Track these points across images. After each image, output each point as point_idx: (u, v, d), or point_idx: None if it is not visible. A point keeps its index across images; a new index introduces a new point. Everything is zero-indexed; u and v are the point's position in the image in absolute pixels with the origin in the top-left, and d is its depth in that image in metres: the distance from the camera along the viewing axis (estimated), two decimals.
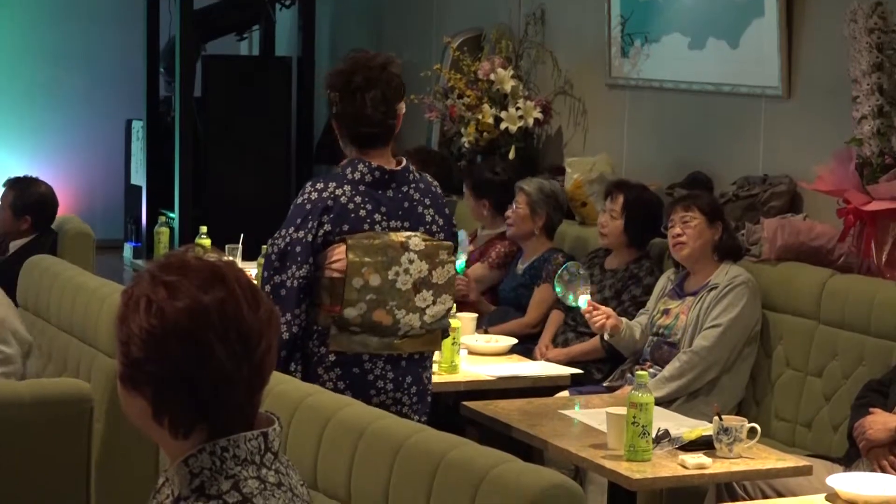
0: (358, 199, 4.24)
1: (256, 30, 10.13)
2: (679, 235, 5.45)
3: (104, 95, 10.72)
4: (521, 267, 6.50)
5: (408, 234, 4.28)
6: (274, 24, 9.94)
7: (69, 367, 4.92)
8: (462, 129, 7.56)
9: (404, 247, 4.26)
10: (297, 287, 4.17)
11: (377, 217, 4.26)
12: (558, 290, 5.35)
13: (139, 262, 9.37)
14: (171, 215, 8.96)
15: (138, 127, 9.88)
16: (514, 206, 6.46)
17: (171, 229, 8.69)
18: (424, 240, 4.31)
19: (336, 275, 4.21)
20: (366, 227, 4.24)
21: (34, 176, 7.02)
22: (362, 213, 4.24)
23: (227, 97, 9.30)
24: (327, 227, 4.21)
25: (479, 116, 7.44)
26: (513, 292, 6.47)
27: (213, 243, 7.02)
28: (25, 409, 4.33)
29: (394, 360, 4.31)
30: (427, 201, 4.38)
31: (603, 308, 5.45)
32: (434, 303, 4.32)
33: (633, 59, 6.99)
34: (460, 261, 6.17)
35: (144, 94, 9.65)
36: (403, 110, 4.38)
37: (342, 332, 4.23)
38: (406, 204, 4.32)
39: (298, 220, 4.22)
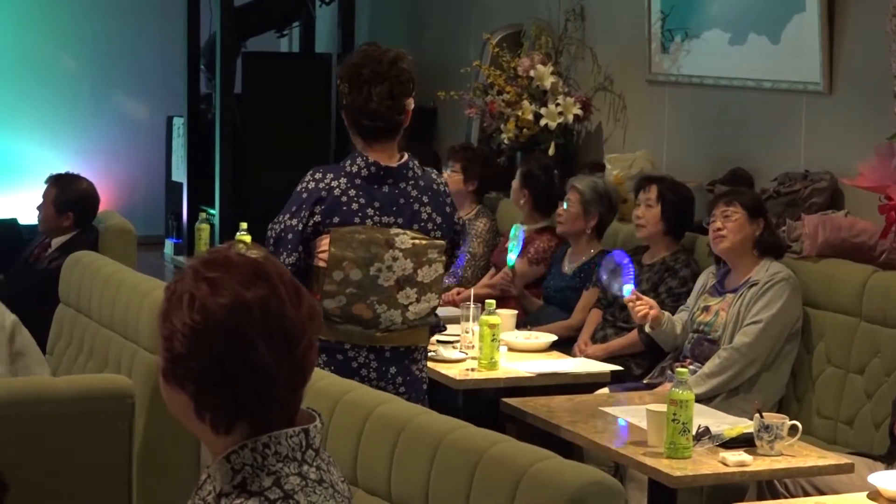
0: (352, 192, 4.27)
1: (296, 26, 10.15)
2: (719, 230, 5.44)
3: (145, 92, 10.77)
4: (569, 266, 6.46)
5: (397, 230, 4.28)
6: (314, 20, 9.96)
7: (110, 363, 4.95)
8: (501, 126, 7.56)
9: (389, 244, 4.25)
10: None
11: (370, 212, 4.27)
12: (603, 277, 5.36)
13: (180, 258, 9.41)
14: (212, 212, 8.99)
15: (179, 124, 9.91)
16: (564, 203, 6.44)
17: (212, 225, 8.72)
18: (413, 238, 4.29)
19: (322, 264, 4.24)
20: (356, 220, 4.25)
21: (76, 173, 7.06)
22: (355, 206, 4.26)
23: (268, 94, 9.32)
24: (317, 217, 4.24)
25: (519, 113, 7.44)
26: (560, 293, 6.43)
27: (253, 239, 7.05)
28: (67, 404, 4.35)
29: (377, 350, 4.32)
30: (425, 199, 4.36)
31: (646, 299, 5.44)
32: (418, 300, 4.30)
33: (674, 55, 6.97)
34: (512, 255, 6.18)
35: (185, 91, 9.68)
36: (412, 106, 4.35)
37: (325, 320, 4.25)
38: (402, 200, 4.31)
39: (294, 208, 4.28)
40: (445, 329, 4.86)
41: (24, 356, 4.84)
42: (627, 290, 5.33)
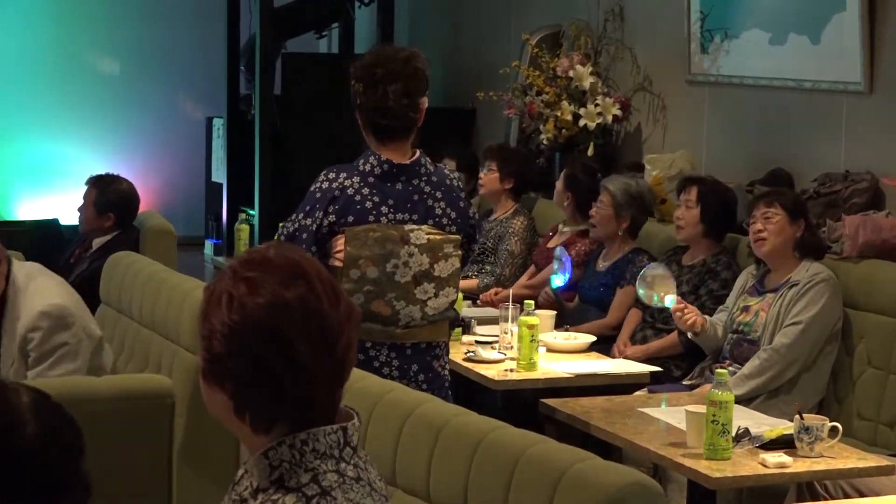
0: (365, 190, 4.29)
1: (336, 27, 10.18)
2: (760, 231, 5.42)
3: (185, 93, 10.82)
4: (602, 265, 6.46)
5: (412, 227, 4.30)
6: (353, 21, 9.98)
7: (151, 363, 4.97)
8: (541, 126, 7.56)
9: (404, 240, 4.27)
10: None
11: (384, 209, 4.29)
12: (641, 292, 5.36)
13: (220, 258, 9.45)
14: (251, 212, 9.02)
15: (219, 125, 9.95)
16: (597, 204, 6.43)
17: (251, 226, 8.76)
18: (429, 233, 4.31)
19: (338, 264, 4.26)
20: (371, 218, 4.27)
21: (116, 173, 7.09)
22: (368, 204, 4.28)
23: (307, 95, 9.34)
24: (332, 217, 4.26)
25: (558, 113, 7.43)
26: (594, 291, 6.44)
27: None
28: (108, 404, 4.38)
29: (398, 347, 4.34)
30: (438, 194, 4.37)
31: (690, 306, 5.43)
32: (436, 295, 4.33)
33: (713, 55, 6.95)
34: (557, 279, 6.14)
35: (225, 92, 9.72)
36: (426, 105, 4.37)
37: None
38: (415, 197, 4.33)
39: (307, 207, 4.31)
40: (464, 322, 4.86)
41: (104, 371, 4.86)
42: (670, 300, 5.32)
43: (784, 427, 4.28)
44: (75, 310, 4.70)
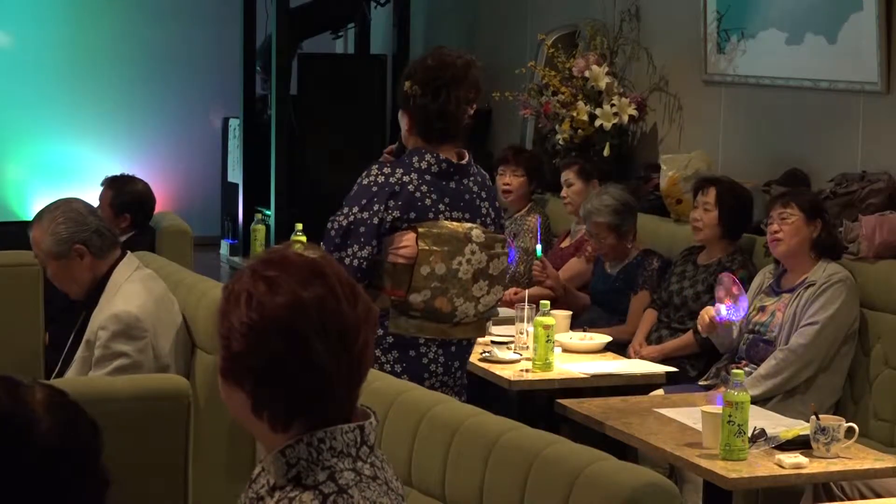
0: (424, 188, 4.34)
1: (352, 28, 10.18)
2: (776, 232, 5.41)
3: (201, 94, 10.83)
4: (611, 269, 6.43)
5: (469, 225, 4.38)
6: (369, 22, 9.99)
7: None
8: (556, 127, 7.55)
9: (467, 237, 4.35)
10: (355, 266, 4.23)
11: (441, 207, 4.35)
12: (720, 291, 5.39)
13: (236, 258, 9.46)
14: (268, 212, 9.03)
15: (235, 125, 9.97)
16: (590, 235, 6.43)
17: (267, 226, 8.76)
18: (483, 232, 4.40)
19: (401, 261, 4.29)
20: (430, 216, 4.33)
21: (132, 174, 7.10)
22: (428, 202, 4.34)
23: (323, 95, 9.36)
24: (396, 213, 4.29)
25: (574, 114, 7.42)
26: (604, 295, 6.41)
27: (308, 240, 7.07)
28: (124, 403, 4.37)
29: (445, 344, 4.42)
30: (483, 194, 4.48)
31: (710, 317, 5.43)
32: (488, 293, 4.41)
33: (730, 55, 6.93)
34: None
35: (241, 93, 9.73)
36: (472, 111, 4.45)
37: (401, 315, 4.34)
38: (467, 196, 4.42)
39: (363, 201, 4.31)
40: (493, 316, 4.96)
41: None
42: (720, 309, 5.35)
43: (800, 428, 4.28)
44: (151, 327, 4.53)
